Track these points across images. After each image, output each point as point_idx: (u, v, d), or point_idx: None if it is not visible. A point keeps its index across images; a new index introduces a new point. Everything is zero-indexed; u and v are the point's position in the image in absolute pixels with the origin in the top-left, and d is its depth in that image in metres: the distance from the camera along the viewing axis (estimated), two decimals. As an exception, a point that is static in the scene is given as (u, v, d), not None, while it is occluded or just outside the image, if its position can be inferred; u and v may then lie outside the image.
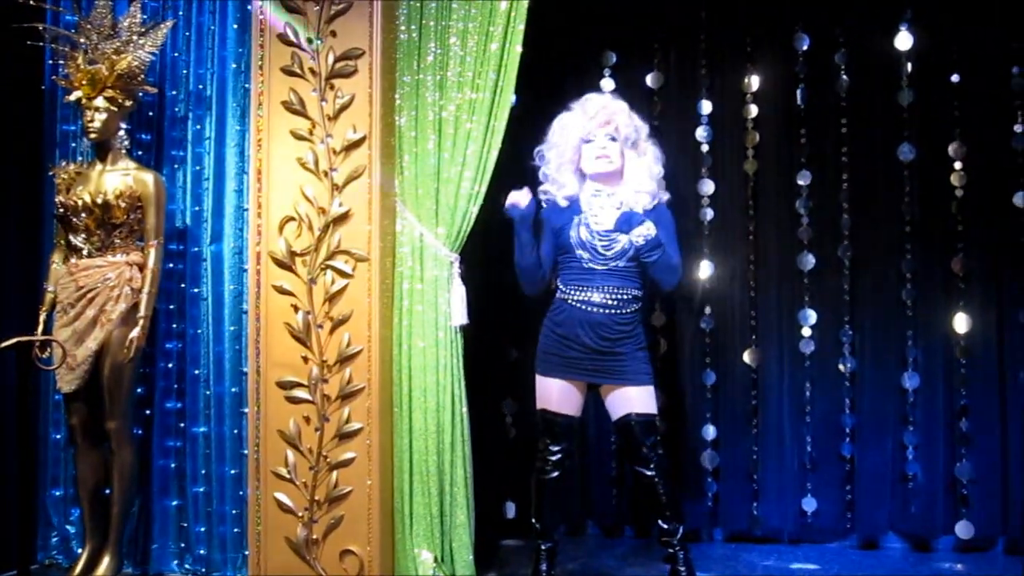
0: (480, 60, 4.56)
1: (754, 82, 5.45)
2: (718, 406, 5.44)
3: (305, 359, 4.56)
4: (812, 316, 5.32)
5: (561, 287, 4.51)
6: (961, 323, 5.16)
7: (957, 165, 5.20)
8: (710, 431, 5.43)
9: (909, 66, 5.26)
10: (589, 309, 4.40)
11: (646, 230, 4.35)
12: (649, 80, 5.56)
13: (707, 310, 5.46)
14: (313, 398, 4.56)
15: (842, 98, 5.32)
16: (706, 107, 5.49)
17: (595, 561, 5.14)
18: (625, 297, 4.42)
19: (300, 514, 4.57)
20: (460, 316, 4.63)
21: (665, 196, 4.58)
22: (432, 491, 4.57)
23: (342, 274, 4.54)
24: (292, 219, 4.60)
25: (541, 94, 5.50)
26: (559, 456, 4.49)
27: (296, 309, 4.56)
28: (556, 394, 4.47)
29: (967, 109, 5.19)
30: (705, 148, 5.48)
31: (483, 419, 5.31)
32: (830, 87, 5.33)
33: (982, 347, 5.15)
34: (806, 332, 5.33)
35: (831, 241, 5.33)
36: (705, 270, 5.44)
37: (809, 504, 5.31)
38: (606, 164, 4.45)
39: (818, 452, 5.32)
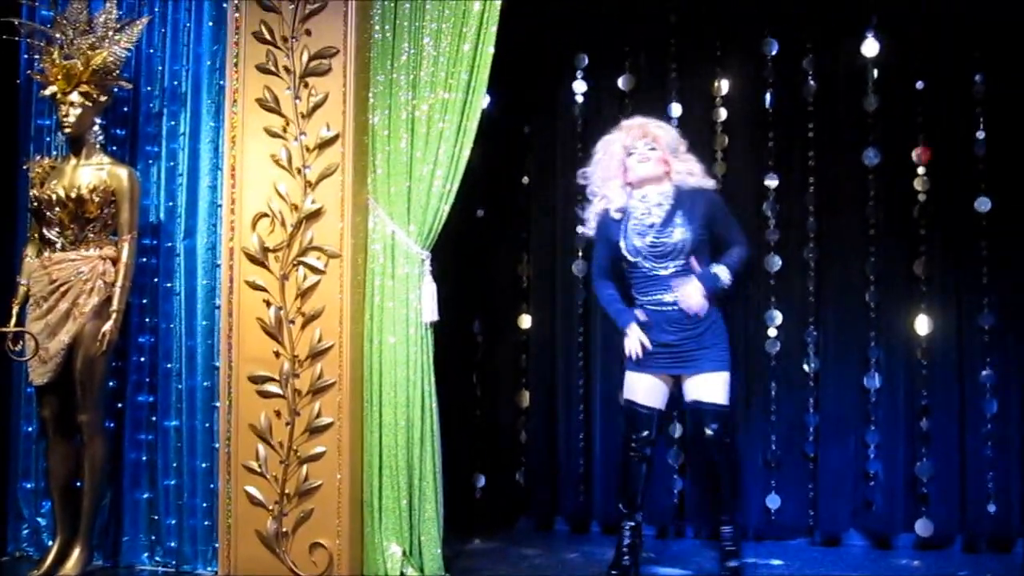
0: (453, 60, 4.61)
1: (723, 86, 5.54)
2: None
3: (277, 354, 4.62)
4: (778, 317, 5.42)
5: (635, 295, 4.69)
6: (922, 325, 5.26)
7: (920, 170, 5.30)
8: (676, 429, 5.51)
9: (875, 72, 5.35)
10: (664, 309, 4.57)
11: (724, 277, 4.57)
12: (620, 82, 5.64)
13: (675, 310, 5.53)
14: (284, 393, 4.61)
15: (809, 103, 5.41)
16: (676, 109, 5.57)
17: (565, 555, 5.23)
18: None
19: (270, 507, 4.62)
20: (431, 313, 4.68)
21: (711, 183, 4.74)
22: (401, 485, 4.62)
23: (314, 270, 4.60)
24: (265, 215, 4.65)
25: (515, 95, 5.61)
26: (645, 445, 4.65)
27: (268, 304, 4.62)
28: (643, 387, 4.65)
29: (930, 115, 5.28)
30: (675, 150, 5.56)
31: (454, 415, 5.41)
32: (798, 92, 5.42)
33: (942, 348, 5.25)
34: (772, 332, 5.43)
35: (797, 243, 5.43)
36: (673, 270, 5.50)
37: (773, 501, 5.39)
38: (648, 167, 4.59)
39: (782, 450, 5.41)
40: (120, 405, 5.08)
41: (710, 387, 4.55)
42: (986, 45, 5.20)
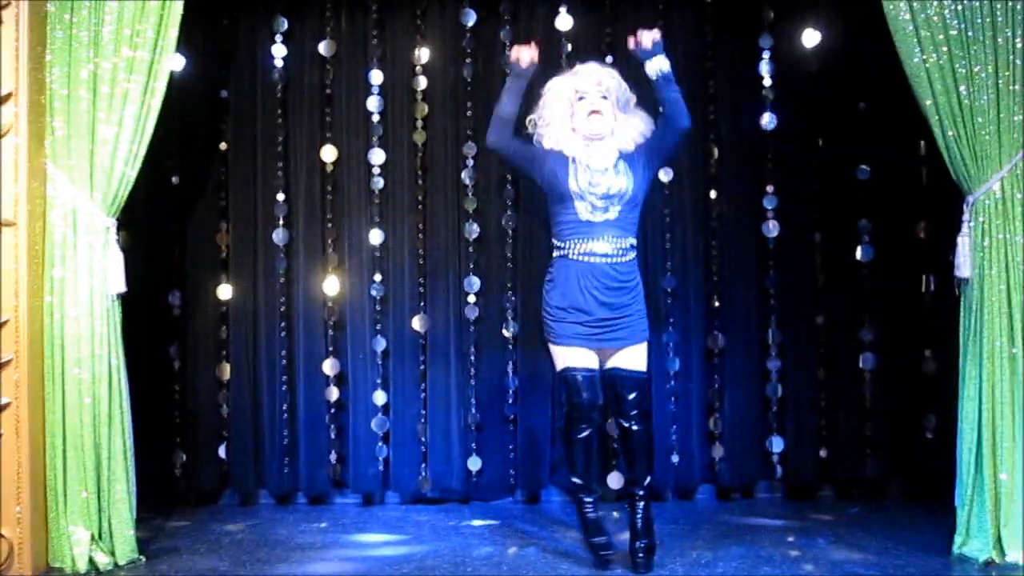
0: (138, 17, 4.39)
1: (424, 54, 5.57)
2: (388, 372, 5.56)
3: (-58, 331, 4.26)
4: (477, 283, 5.53)
5: (558, 244, 4.45)
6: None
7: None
8: (380, 397, 5.53)
9: (568, 46, 5.54)
10: (591, 260, 4.35)
11: (661, 64, 4.37)
12: (321, 48, 5.56)
13: (377, 278, 5.55)
14: (-48, 372, 4.27)
15: (506, 73, 5.50)
16: (377, 77, 5.55)
17: (269, 528, 5.15)
18: (624, 246, 4.40)
19: (-61, 498, 4.27)
20: (117, 284, 4.45)
21: None
22: (88, 467, 4.39)
23: (-15, 240, 4.27)
24: (-75, 180, 4.27)
25: (212, 58, 5.45)
26: (591, 410, 4.45)
27: (-70, 277, 4.25)
28: (577, 356, 4.42)
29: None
30: (376, 118, 5.56)
31: (150, 391, 5.23)
32: (495, 62, 5.54)
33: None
34: (471, 299, 5.54)
35: (495, 211, 5.56)
36: (375, 238, 5.52)
37: (475, 463, 5.53)
38: (599, 123, 4.41)
39: (483, 414, 5.55)
40: None
41: (634, 357, 4.44)
42: (668, 22, 5.50)
